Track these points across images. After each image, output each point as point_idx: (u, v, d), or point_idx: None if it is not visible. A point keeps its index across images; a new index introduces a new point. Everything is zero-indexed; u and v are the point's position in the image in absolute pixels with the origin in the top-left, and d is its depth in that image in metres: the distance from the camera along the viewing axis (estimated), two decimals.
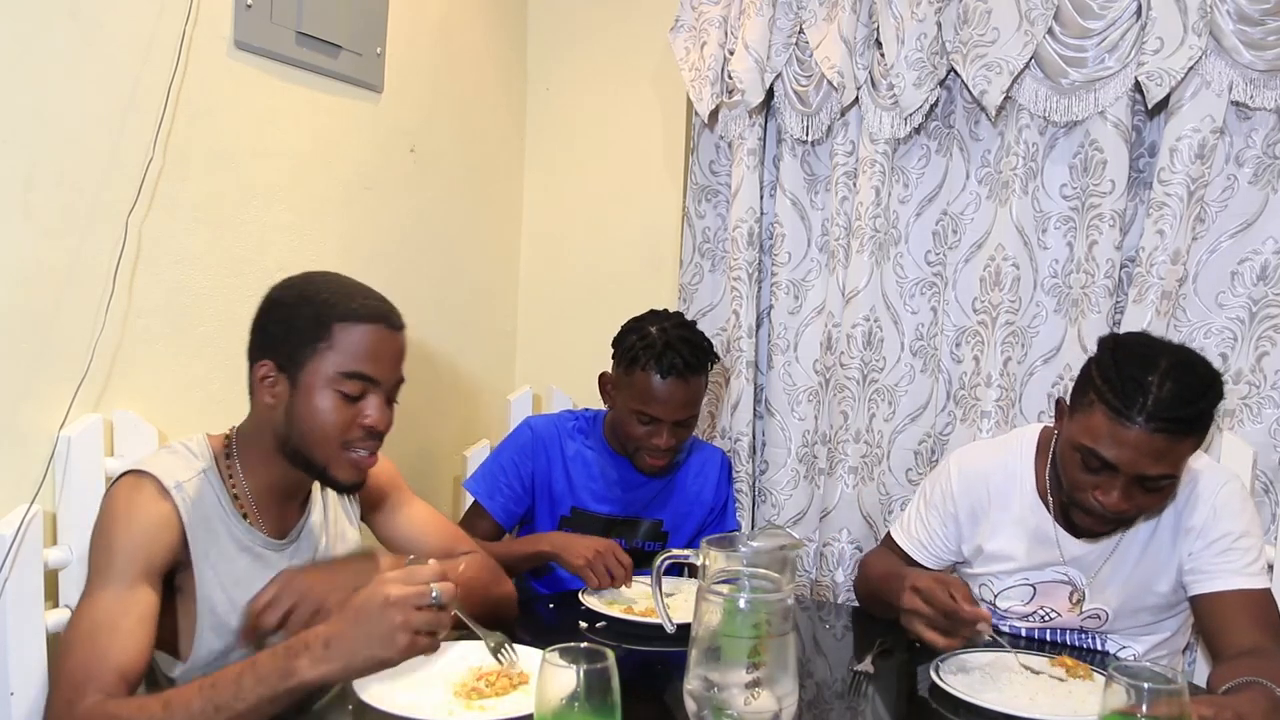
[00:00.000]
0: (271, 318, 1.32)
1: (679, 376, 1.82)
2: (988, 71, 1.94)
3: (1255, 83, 1.79)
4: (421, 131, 2.20)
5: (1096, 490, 1.43)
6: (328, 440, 1.29)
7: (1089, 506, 1.46)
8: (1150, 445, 1.37)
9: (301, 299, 1.30)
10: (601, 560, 1.72)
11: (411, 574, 1.09)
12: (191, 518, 1.26)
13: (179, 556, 1.26)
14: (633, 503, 1.99)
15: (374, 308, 1.31)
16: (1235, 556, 1.48)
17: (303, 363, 1.28)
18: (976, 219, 2.08)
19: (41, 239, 1.42)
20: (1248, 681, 1.28)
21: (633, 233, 2.48)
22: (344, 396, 1.28)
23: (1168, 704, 0.95)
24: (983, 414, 2.00)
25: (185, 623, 1.28)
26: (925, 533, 1.71)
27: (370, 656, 1.07)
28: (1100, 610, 1.58)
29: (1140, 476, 1.40)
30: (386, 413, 1.33)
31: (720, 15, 2.20)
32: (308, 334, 1.28)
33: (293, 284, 1.34)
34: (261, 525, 1.34)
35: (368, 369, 1.29)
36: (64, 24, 1.43)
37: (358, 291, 1.33)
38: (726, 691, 1.05)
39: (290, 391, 1.29)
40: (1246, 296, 1.85)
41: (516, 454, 1.97)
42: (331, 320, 1.28)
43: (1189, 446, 1.40)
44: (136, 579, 1.20)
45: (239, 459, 1.34)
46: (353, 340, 1.28)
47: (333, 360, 1.27)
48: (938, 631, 1.39)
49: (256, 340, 1.33)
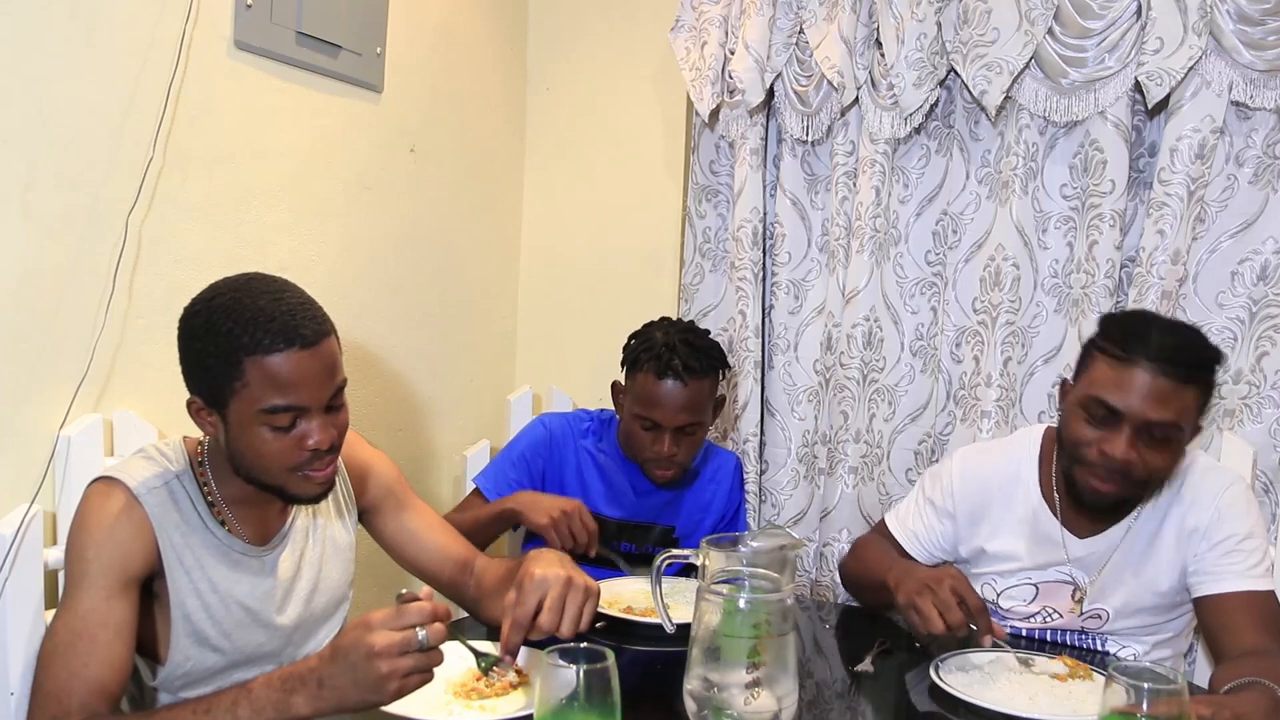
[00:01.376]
0: (186, 351, 1.22)
1: (676, 378, 1.78)
2: (988, 71, 1.94)
3: (1255, 83, 1.79)
4: (421, 131, 2.20)
5: (1103, 443, 1.44)
6: (273, 470, 1.23)
7: (1093, 461, 1.45)
8: (1154, 387, 1.38)
9: (208, 331, 1.18)
10: (566, 521, 1.69)
11: (398, 616, 1.04)
12: (163, 524, 1.23)
13: (153, 564, 1.23)
14: (644, 508, 1.97)
15: (281, 330, 1.17)
16: (1239, 558, 1.48)
17: (225, 401, 1.19)
18: (976, 219, 2.08)
19: (41, 239, 1.42)
20: (1249, 682, 1.28)
21: (633, 233, 2.48)
22: (276, 429, 1.20)
23: (1167, 704, 0.95)
24: (983, 414, 2.00)
25: (162, 629, 1.26)
26: (921, 526, 1.71)
27: (361, 700, 1.05)
28: (1101, 610, 1.58)
29: (1145, 424, 1.40)
30: (330, 430, 1.23)
31: (720, 15, 2.20)
32: (220, 374, 1.18)
33: (198, 310, 1.21)
34: (240, 531, 1.31)
35: (291, 399, 1.19)
36: (64, 24, 1.43)
37: (262, 312, 1.17)
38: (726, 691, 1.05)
39: (224, 426, 1.22)
40: (1246, 296, 1.85)
41: (529, 450, 1.95)
42: (241, 356, 1.16)
43: (1191, 397, 1.41)
44: (112, 589, 1.18)
45: (210, 467, 1.30)
46: (267, 374, 1.17)
47: (252, 398, 1.18)
48: (943, 616, 1.40)
49: (183, 371, 1.24)
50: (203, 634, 1.27)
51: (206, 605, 1.27)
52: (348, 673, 1.04)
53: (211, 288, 1.24)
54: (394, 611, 1.04)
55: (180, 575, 1.25)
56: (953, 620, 1.39)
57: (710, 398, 1.88)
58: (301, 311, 1.20)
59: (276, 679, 1.08)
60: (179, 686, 1.28)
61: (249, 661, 1.32)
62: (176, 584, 1.25)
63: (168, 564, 1.24)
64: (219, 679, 1.30)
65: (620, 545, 1.95)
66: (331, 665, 1.05)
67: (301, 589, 1.37)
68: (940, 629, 1.40)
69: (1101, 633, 1.59)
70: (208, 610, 1.27)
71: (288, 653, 1.37)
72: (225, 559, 1.29)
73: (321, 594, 1.40)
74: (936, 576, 1.46)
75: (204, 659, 1.28)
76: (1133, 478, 1.46)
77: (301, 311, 1.20)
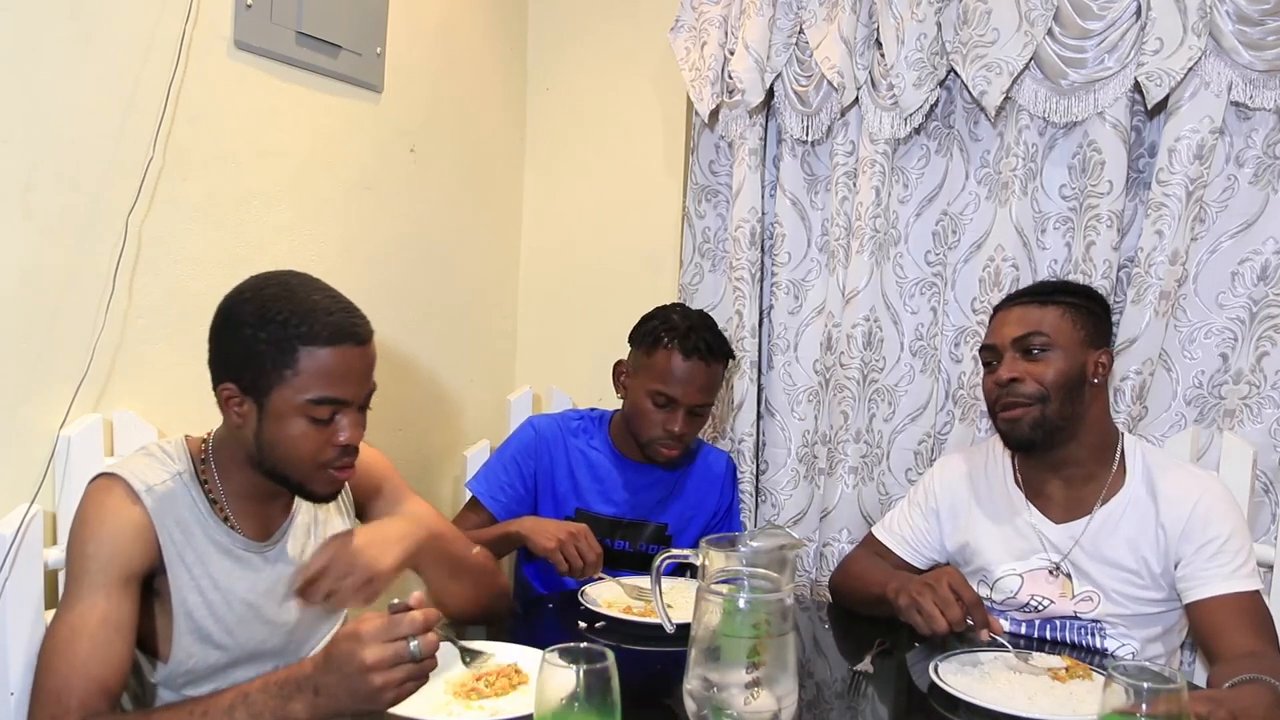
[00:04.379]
0: (230, 338, 1.23)
1: (701, 358, 1.84)
2: (987, 72, 1.94)
3: (1255, 83, 1.79)
4: (421, 131, 2.20)
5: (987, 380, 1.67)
6: (301, 463, 1.25)
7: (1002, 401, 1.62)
8: (1021, 316, 1.62)
9: (260, 318, 1.21)
10: (573, 543, 1.70)
11: (391, 627, 1.04)
12: (164, 521, 1.24)
13: (154, 561, 1.23)
14: (638, 505, 1.99)
15: (339, 325, 1.22)
16: (1224, 560, 1.51)
17: (268, 389, 1.21)
18: (976, 219, 2.09)
19: (41, 239, 1.42)
20: (1250, 678, 1.29)
21: (633, 233, 2.48)
22: (315, 421, 1.23)
23: (1167, 703, 0.95)
24: (982, 414, 2.00)
25: (164, 626, 1.27)
26: (909, 529, 1.79)
27: (359, 710, 1.06)
28: (1091, 593, 1.60)
29: (1021, 346, 1.59)
30: (359, 428, 1.27)
31: (720, 15, 2.20)
32: (270, 360, 1.20)
33: (248, 298, 1.24)
34: (242, 528, 1.32)
35: (338, 392, 1.23)
36: (64, 24, 1.43)
37: (319, 306, 1.22)
38: (726, 691, 1.05)
39: (258, 415, 1.23)
40: (1246, 296, 1.85)
41: (519, 453, 1.96)
42: (296, 345, 1.20)
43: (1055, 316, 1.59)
44: (112, 586, 1.18)
45: (215, 464, 1.31)
46: (320, 365, 1.20)
47: (299, 387, 1.21)
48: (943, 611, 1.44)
49: (217, 359, 1.26)
50: (205, 631, 1.28)
51: (209, 602, 1.28)
52: (343, 684, 1.04)
53: (256, 279, 1.27)
54: (386, 623, 1.04)
55: (181, 572, 1.26)
56: (952, 616, 1.45)
57: (721, 382, 1.93)
58: (354, 311, 1.26)
59: (274, 684, 1.08)
60: (181, 684, 1.28)
61: (251, 659, 1.33)
62: (178, 581, 1.25)
63: (168, 560, 1.24)
64: (221, 676, 1.30)
65: (614, 543, 1.95)
66: (326, 675, 1.05)
67: None
68: (943, 627, 1.44)
69: (1095, 620, 1.60)
70: (210, 607, 1.28)
71: (290, 650, 1.38)
72: (227, 555, 1.30)
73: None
74: (934, 575, 1.53)
75: (206, 656, 1.29)
76: (1024, 393, 1.58)
77: (354, 311, 1.26)
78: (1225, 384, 1.87)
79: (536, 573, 2.01)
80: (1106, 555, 1.59)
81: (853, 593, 1.76)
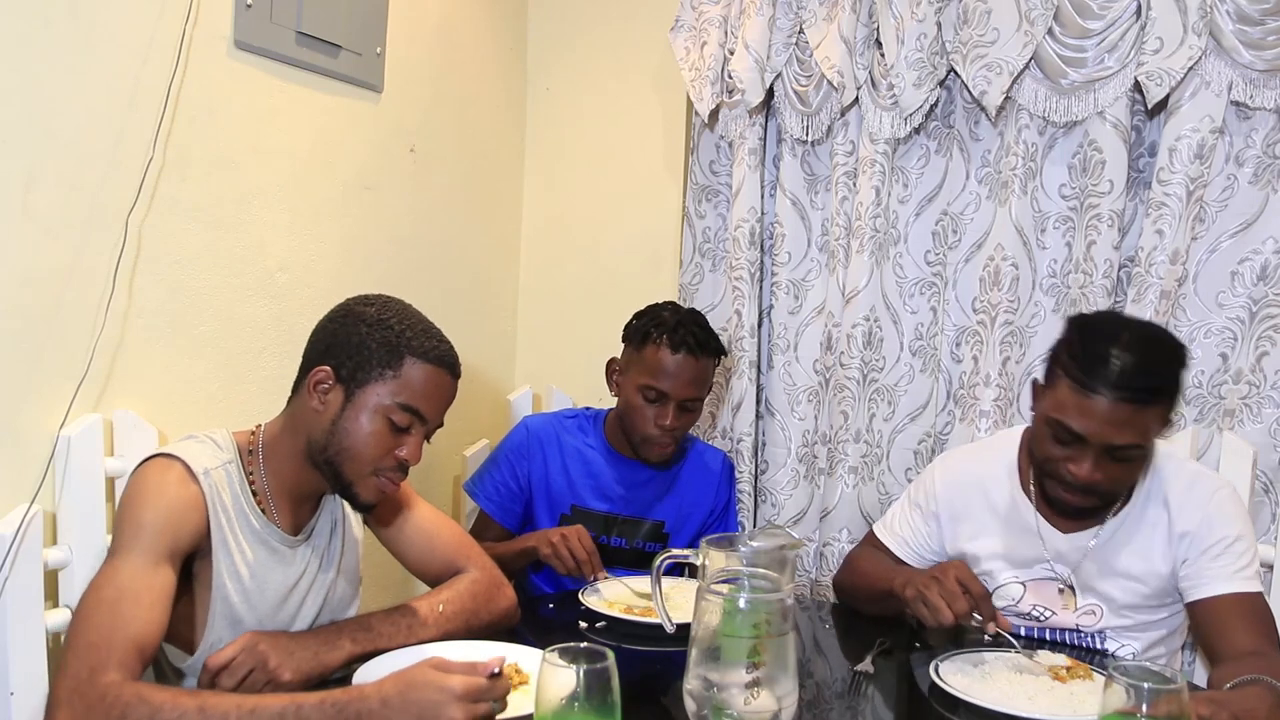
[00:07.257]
0: (346, 328, 1.34)
1: (689, 353, 1.85)
2: (988, 72, 1.94)
3: (1255, 83, 1.79)
4: (421, 131, 2.20)
5: (1069, 462, 1.47)
6: (362, 461, 1.32)
7: (1062, 477, 1.49)
8: (1115, 414, 1.40)
9: (380, 322, 1.34)
10: (565, 544, 1.73)
11: (486, 691, 1.06)
12: (215, 505, 1.29)
13: (201, 541, 1.28)
14: (634, 502, 1.99)
15: (445, 353, 1.36)
16: (1229, 560, 1.50)
17: (364, 382, 1.31)
18: (976, 219, 2.09)
19: (41, 239, 1.42)
20: (1252, 679, 1.29)
21: (633, 232, 2.48)
22: (392, 425, 1.32)
23: (1167, 703, 0.95)
24: (981, 413, 2.00)
25: (200, 612, 1.30)
26: (908, 530, 1.75)
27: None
28: (1095, 606, 1.59)
29: (1108, 446, 1.43)
30: (420, 450, 1.36)
31: (720, 15, 2.20)
32: (378, 357, 1.32)
33: (372, 303, 1.37)
34: (278, 520, 1.37)
35: (423, 407, 1.33)
36: (64, 24, 1.43)
37: (433, 333, 1.37)
38: (726, 691, 1.05)
39: (342, 403, 1.32)
40: (1246, 296, 1.85)
41: (512, 453, 1.98)
42: (405, 352, 1.32)
43: (1155, 416, 1.43)
44: (161, 556, 1.21)
45: (262, 456, 1.37)
46: (418, 377, 1.33)
47: (394, 389, 1.31)
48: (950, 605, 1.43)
49: (321, 344, 1.35)
50: (238, 617, 1.31)
51: (245, 589, 1.31)
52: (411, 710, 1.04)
53: (375, 295, 1.40)
54: (482, 685, 1.05)
55: (224, 556, 1.30)
56: (959, 609, 1.43)
57: (711, 378, 1.94)
58: (456, 353, 1.39)
59: (330, 704, 1.07)
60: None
61: None
62: (219, 564, 1.29)
63: (215, 543, 1.28)
64: None
65: (610, 540, 1.96)
66: (398, 712, 1.05)
67: (323, 581, 1.43)
68: (949, 619, 1.43)
69: (1098, 630, 1.60)
70: (245, 594, 1.31)
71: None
72: (264, 545, 1.35)
73: (339, 587, 1.46)
74: (942, 568, 1.51)
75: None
76: (1098, 493, 1.50)
77: (456, 353, 1.39)
78: (1225, 384, 1.87)
79: (545, 580, 2.01)
80: (1116, 566, 1.56)
81: (858, 589, 1.75)
